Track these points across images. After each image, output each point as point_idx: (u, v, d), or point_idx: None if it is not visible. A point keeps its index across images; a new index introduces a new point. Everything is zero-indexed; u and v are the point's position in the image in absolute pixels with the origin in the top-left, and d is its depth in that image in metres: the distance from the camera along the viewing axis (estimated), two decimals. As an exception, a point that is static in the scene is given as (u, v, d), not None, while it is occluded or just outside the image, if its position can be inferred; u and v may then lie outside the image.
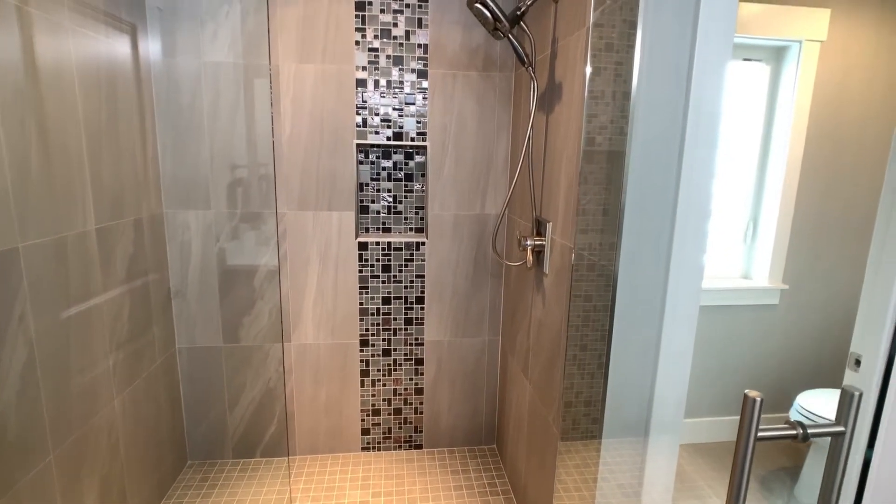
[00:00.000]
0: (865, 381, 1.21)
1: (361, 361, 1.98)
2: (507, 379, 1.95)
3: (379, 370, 2.00)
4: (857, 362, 1.28)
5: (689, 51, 0.93)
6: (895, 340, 0.49)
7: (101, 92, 1.37)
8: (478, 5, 1.27)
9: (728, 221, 2.27)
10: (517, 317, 1.79)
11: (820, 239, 2.20)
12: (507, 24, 1.27)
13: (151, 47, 1.64)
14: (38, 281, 1.11)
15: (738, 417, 2.28)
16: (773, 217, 2.17)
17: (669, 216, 1.02)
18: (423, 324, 1.98)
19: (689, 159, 0.98)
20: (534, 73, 1.40)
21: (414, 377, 2.02)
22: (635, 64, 0.96)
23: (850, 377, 1.27)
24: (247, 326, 1.87)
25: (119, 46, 1.46)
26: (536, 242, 1.41)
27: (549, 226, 1.37)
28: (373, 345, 1.97)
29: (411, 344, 1.99)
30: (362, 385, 2.00)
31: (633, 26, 0.96)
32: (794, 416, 1.91)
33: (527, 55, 1.39)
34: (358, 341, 1.96)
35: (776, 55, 2.17)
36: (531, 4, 1.28)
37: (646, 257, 1.06)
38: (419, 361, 2.01)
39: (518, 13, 1.28)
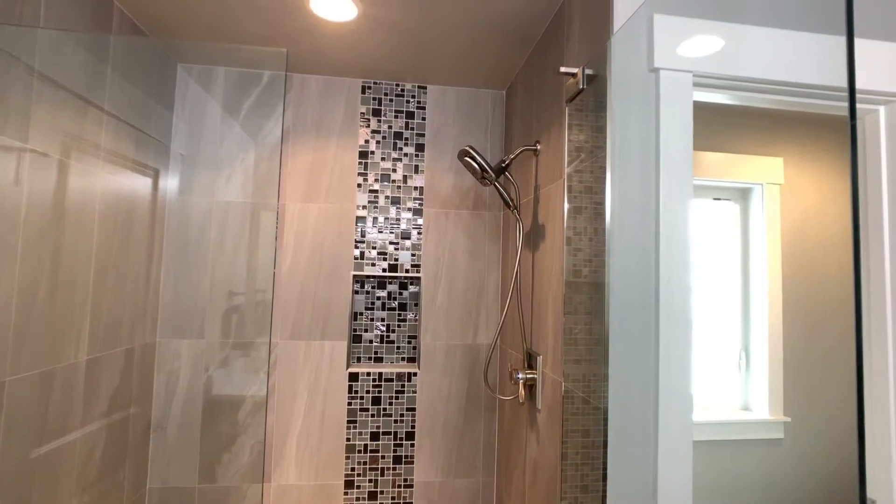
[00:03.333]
0: (886, 532, 1.12)
1: (345, 506, 1.82)
2: (503, 527, 1.78)
3: (364, 516, 1.83)
4: (874, 509, 1.20)
5: (655, 190, 1.04)
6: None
7: (118, 228, 1.47)
8: (467, 158, 1.43)
9: (720, 350, 2.27)
10: (512, 456, 1.69)
11: (812, 367, 2.18)
12: (493, 175, 1.42)
13: (169, 186, 1.80)
14: (16, 416, 1.08)
15: (764, 575, 2.04)
16: (763, 346, 2.18)
17: (653, 345, 1.04)
18: (412, 462, 1.87)
19: (665, 288, 1.03)
20: (519, 215, 1.53)
21: (402, 525, 1.84)
22: (607, 204, 1.06)
23: (870, 527, 1.17)
24: (225, 464, 1.75)
25: (140, 187, 1.61)
26: (528, 376, 1.40)
27: (540, 359, 1.37)
28: (358, 486, 1.83)
29: (399, 486, 1.85)
30: (345, 535, 1.81)
31: (605, 171, 1.08)
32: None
33: (512, 200, 1.53)
34: (343, 482, 1.82)
35: (743, 195, 2.37)
36: (514, 158, 1.45)
37: (635, 388, 1.06)
38: (408, 506, 1.85)
39: (503, 165, 1.44)
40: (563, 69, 1.08)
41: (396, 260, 1.93)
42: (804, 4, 1.08)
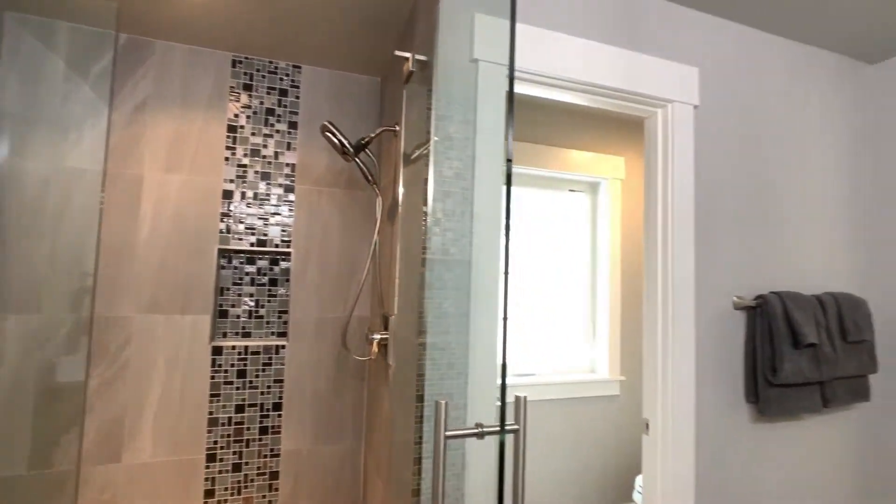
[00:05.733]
0: (655, 441, 1.40)
1: (206, 479, 1.80)
2: (367, 489, 1.89)
3: (227, 489, 1.83)
4: (647, 426, 1.49)
5: (472, 176, 1.17)
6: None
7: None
8: (328, 133, 1.50)
9: (575, 322, 2.59)
10: (376, 417, 1.81)
11: (640, 335, 2.58)
12: (352, 150, 1.51)
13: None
14: None
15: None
16: (606, 318, 2.54)
17: (466, 319, 1.16)
18: (279, 432, 1.90)
19: (476, 270, 1.16)
20: (379, 191, 1.63)
21: (267, 494, 1.87)
22: (430, 185, 1.18)
23: (645, 440, 1.46)
24: (65, 447, 1.65)
25: (-39, 147, 1.45)
26: (382, 336, 1.52)
27: (392, 319, 1.50)
28: (221, 459, 1.83)
29: (266, 456, 1.88)
30: (205, 509, 1.80)
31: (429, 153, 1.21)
32: (635, 496, 2.06)
33: (372, 176, 1.64)
34: (204, 456, 1.81)
35: (593, 188, 2.72)
36: (374, 137, 1.55)
37: (453, 357, 1.18)
38: (274, 475, 1.88)
39: (362, 143, 1.54)
40: (397, 52, 1.20)
41: (265, 235, 1.94)
42: (598, 19, 1.30)
